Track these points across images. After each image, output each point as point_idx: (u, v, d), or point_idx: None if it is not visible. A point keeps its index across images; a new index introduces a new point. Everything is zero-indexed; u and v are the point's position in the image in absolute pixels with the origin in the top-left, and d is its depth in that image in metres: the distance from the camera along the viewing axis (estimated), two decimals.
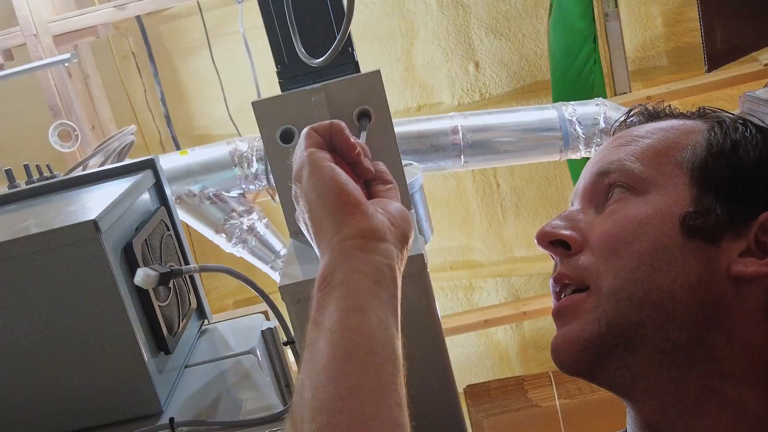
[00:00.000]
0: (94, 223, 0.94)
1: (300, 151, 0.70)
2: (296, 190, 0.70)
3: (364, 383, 0.56)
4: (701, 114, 0.78)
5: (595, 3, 2.57)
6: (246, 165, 2.33)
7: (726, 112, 0.78)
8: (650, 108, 0.81)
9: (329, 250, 0.65)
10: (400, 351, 0.61)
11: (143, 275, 0.97)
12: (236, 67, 2.78)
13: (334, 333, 0.59)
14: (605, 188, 0.72)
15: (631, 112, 0.82)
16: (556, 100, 2.60)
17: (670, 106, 0.82)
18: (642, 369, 0.65)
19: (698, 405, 0.65)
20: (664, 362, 0.65)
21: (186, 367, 1.16)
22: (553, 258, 0.73)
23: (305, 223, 0.69)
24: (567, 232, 0.70)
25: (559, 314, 0.69)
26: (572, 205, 0.75)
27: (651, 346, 0.64)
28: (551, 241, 0.71)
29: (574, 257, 0.69)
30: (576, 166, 2.67)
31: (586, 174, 0.75)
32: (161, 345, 1.06)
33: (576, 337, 0.66)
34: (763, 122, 0.76)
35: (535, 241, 0.72)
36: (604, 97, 2.55)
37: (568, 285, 0.69)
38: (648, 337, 0.64)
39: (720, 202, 0.68)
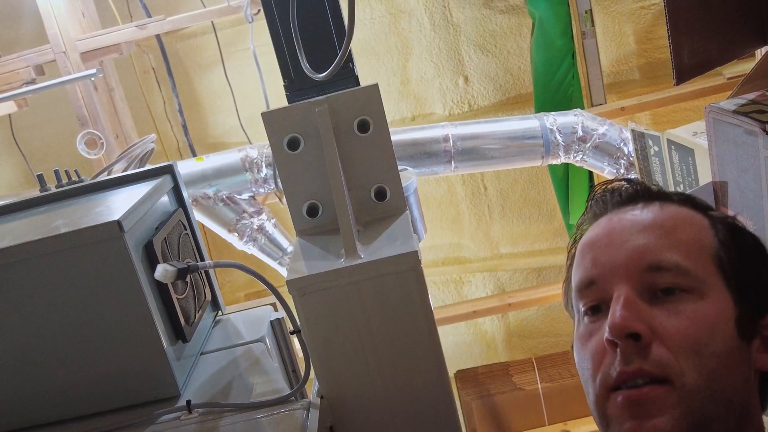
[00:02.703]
0: (118, 223, 0.94)
1: None
2: None
3: None
4: (693, 203, 0.77)
5: (573, 22, 2.57)
6: (256, 170, 2.33)
7: (711, 208, 0.79)
8: (651, 187, 0.79)
9: None
10: None
11: (162, 270, 0.97)
12: (247, 81, 2.78)
13: None
14: (659, 283, 0.68)
15: (624, 184, 0.80)
16: (538, 110, 2.60)
17: (656, 185, 0.81)
18: None
19: None
20: None
21: (201, 354, 1.16)
22: (611, 345, 0.66)
23: None
24: (641, 326, 0.65)
25: (638, 404, 0.64)
26: (607, 288, 0.70)
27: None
28: (627, 334, 0.65)
29: (645, 349, 0.65)
30: (556, 172, 2.68)
31: (624, 259, 0.70)
32: (179, 334, 1.06)
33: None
34: (741, 223, 0.78)
35: (609, 335, 0.66)
36: (582, 107, 2.55)
37: (642, 377, 0.64)
38: (716, 426, 0.64)
39: (751, 304, 0.70)
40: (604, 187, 0.82)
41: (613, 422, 0.66)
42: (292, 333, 1.09)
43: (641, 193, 0.78)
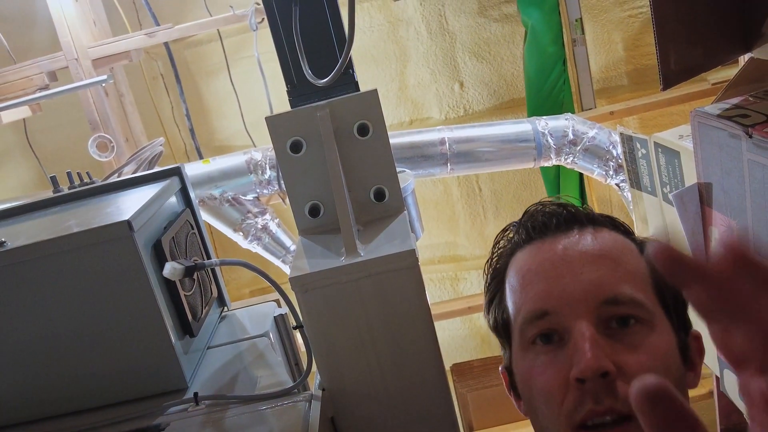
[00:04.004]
0: (128, 223, 0.94)
1: None
2: None
3: None
4: (615, 226, 0.76)
5: (564, 30, 2.57)
6: (260, 172, 2.33)
7: (631, 231, 0.77)
8: (580, 209, 0.76)
9: None
10: None
11: (171, 268, 0.97)
12: (252, 86, 2.78)
13: None
14: (616, 316, 0.66)
15: (557, 209, 0.76)
16: (530, 114, 2.60)
17: (586, 208, 0.78)
18: None
19: None
20: None
21: (208, 348, 1.16)
22: (580, 383, 0.63)
23: None
24: (611, 365, 0.62)
25: None
26: (563, 321, 0.67)
27: None
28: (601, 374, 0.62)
29: (612, 387, 0.62)
30: (548, 173, 2.68)
31: (581, 293, 0.67)
32: (186, 329, 1.06)
33: None
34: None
35: (580, 375, 0.62)
36: (573, 112, 2.55)
37: (610, 414, 0.62)
38: None
39: (683, 331, 0.69)
40: (535, 208, 0.78)
41: None
42: (294, 328, 1.09)
43: (575, 217, 0.75)
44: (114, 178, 1.35)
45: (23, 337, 0.99)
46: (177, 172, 1.23)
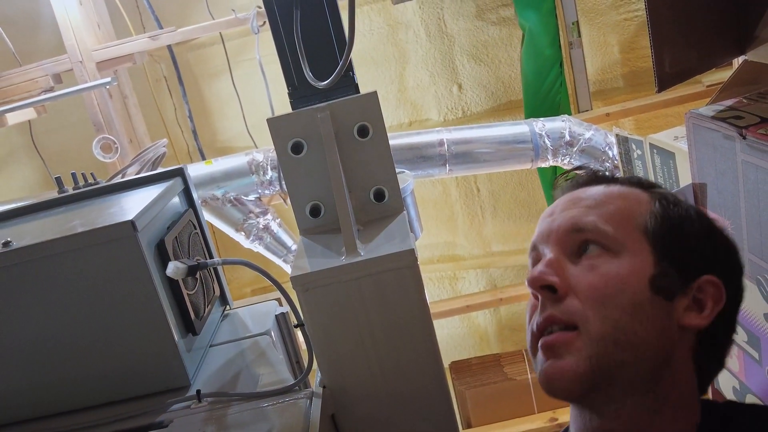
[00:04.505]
0: (131, 223, 0.94)
1: None
2: None
3: None
4: (640, 183, 0.84)
5: (561, 33, 2.57)
6: (262, 173, 2.33)
7: (659, 186, 0.86)
8: (597, 171, 0.86)
9: None
10: None
11: (174, 268, 0.97)
12: (253, 89, 2.78)
13: None
14: (579, 243, 0.74)
15: (578, 171, 0.87)
16: (527, 116, 2.60)
17: (610, 171, 0.88)
18: (616, 396, 0.69)
19: (652, 423, 0.70)
20: (633, 392, 0.69)
21: (210, 346, 1.16)
22: (535, 298, 0.73)
23: None
24: (555, 279, 0.70)
25: (549, 348, 0.70)
26: (542, 250, 0.76)
27: (626, 379, 0.69)
28: (542, 285, 0.71)
29: (560, 300, 0.70)
30: (545, 174, 2.68)
31: (556, 226, 0.76)
32: (189, 327, 1.06)
33: (572, 371, 0.68)
34: (686, 198, 0.86)
35: (527, 283, 0.72)
36: (569, 114, 2.55)
37: (554, 323, 0.70)
38: (625, 372, 0.68)
39: (675, 268, 0.74)
40: (564, 175, 0.89)
41: (536, 365, 0.72)
42: (296, 326, 1.09)
43: (591, 178, 0.85)
44: (118, 179, 1.35)
45: (30, 335, 0.99)
46: (180, 172, 1.23)
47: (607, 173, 0.86)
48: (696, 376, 0.74)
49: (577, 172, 0.87)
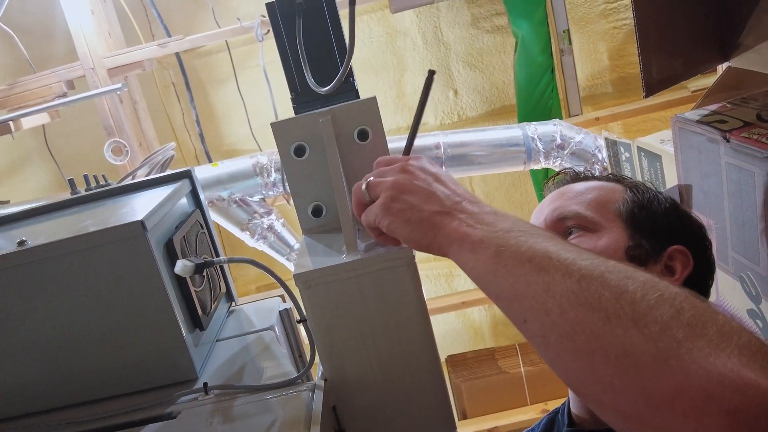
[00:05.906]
0: (141, 223, 0.94)
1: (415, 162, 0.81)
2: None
3: None
4: (615, 178, 0.94)
5: (552, 41, 2.57)
6: (266, 175, 2.33)
7: (629, 178, 0.96)
8: (578, 171, 0.97)
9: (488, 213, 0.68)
10: None
11: (182, 266, 0.97)
12: (258, 94, 2.78)
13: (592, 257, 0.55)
14: (564, 229, 0.83)
15: (562, 173, 0.96)
16: (520, 120, 2.60)
17: (590, 170, 0.96)
18: None
19: None
20: None
21: (217, 341, 1.16)
22: None
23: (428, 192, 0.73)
24: None
25: None
26: None
27: None
28: None
29: None
30: (537, 176, 2.68)
31: (547, 215, 0.85)
32: (196, 323, 1.06)
33: None
34: (654, 186, 0.95)
35: None
36: (560, 118, 2.55)
37: None
38: None
39: (646, 240, 0.83)
40: (552, 179, 0.98)
41: None
42: (298, 322, 1.09)
43: (574, 176, 0.93)
44: (128, 181, 1.35)
45: (44, 330, 0.99)
46: (188, 174, 1.23)
47: (587, 172, 0.95)
48: None
49: (565, 172, 0.97)
